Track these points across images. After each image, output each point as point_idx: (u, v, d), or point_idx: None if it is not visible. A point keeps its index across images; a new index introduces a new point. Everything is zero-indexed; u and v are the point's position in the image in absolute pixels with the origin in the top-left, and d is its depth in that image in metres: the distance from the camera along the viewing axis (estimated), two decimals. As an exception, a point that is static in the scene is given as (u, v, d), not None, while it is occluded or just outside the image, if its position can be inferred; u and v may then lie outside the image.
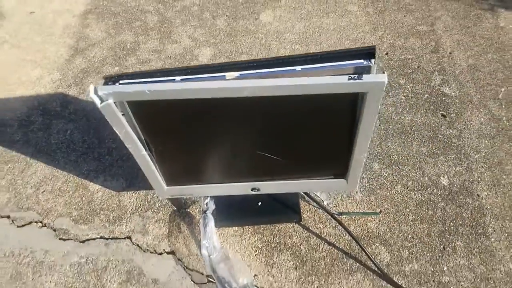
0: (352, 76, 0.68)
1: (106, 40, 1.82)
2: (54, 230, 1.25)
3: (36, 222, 1.27)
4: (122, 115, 0.82)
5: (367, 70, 0.74)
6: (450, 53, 1.58)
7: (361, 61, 0.74)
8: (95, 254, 1.19)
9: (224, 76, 0.77)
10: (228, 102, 0.74)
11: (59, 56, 1.78)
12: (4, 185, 1.37)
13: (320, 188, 1.13)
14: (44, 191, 1.34)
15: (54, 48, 1.82)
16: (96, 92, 0.74)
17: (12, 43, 1.88)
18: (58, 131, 1.50)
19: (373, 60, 0.74)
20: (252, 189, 1.09)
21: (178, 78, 0.79)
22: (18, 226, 1.27)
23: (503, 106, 1.39)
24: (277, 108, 0.78)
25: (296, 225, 1.17)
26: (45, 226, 1.26)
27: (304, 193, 1.17)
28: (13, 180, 1.38)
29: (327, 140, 0.92)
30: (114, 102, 0.78)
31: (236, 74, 0.76)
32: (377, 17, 1.76)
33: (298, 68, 0.74)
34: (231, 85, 0.71)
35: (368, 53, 0.74)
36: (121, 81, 0.80)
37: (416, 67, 1.54)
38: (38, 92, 1.65)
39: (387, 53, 1.61)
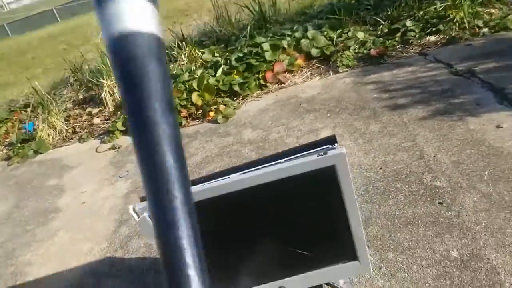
0: (320, 154, 1.11)
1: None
2: None
3: None
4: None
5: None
6: (434, 156, 2.00)
7: (328, 146, 1.18)
8: None
9: (229, 177, 1.20)
10: (238, 194, 1.15)
11: (107, 229, 2.28)
12: None
13: (339, 274, 1.38)
14: (96, 338, 1.60)
15: (102, 224, 2.35)
16: (134, 209, 1.17)
17: (66, 229, 2.44)
18: (107, 287, 1.85)
19: (336, 144, 1.18)
20: None
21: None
22: None
23: (490, 185, 1.71)
24: (274, 192, 1.18)
25: (327, 319, 1.36)
26: None
27: (327, 285, 1.41)
28: (68, 335, 1.66)
29: (325, 217, 1.26)
30: (149, 216, 1.20)
31: (239, 173, 1.19)
32: (367, 145, 2.27)
33: (283, 160, 1.18)
34: (237, 179, 1.14)
35: (331, 140, 1.18)
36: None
37: (408, 172, 1.95)
38: (89, 260, 2.08)
39: (381, 168, 2.04)
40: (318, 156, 1.12)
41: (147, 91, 0.29)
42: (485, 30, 3.25)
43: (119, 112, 3.90)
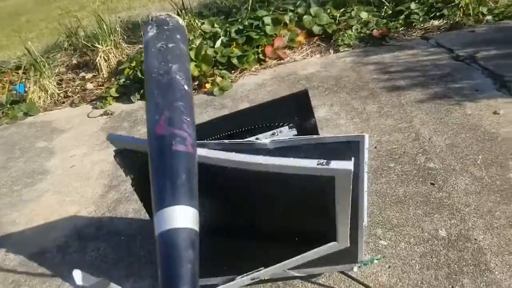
0: (321, 161, 0.91)
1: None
2: (88, 329, 1.45)
3: (71, 325, 1.49)
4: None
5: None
6: (429, 138, 1.99)
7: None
8: None
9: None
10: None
11: (95, 194, 2.26)
12: (44, 298, 1.64)
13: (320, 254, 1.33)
14: (79, 298, 1.59)
15: (91, 189, 2.32)
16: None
17: (54, 190, 2.41)
18: (93, 249, 1.84)
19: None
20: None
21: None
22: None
23: (483, 169, 1.72)
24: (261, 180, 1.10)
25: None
26: (80, 327, 1.47)
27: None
28: (51, 293, 1.66)
29: (313, 219, 1.20)
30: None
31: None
32: (363, 124, 2.26)
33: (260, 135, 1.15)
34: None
35: (303, 94, 1.14)
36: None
37: (402, 152, 1.94)
38: (75, 223, 2.07)
39: (375, 147, 2.03)
40: (317, 165, 0.92)
41: (179, 272, 0.41)
42: (489, 17, 3.21)
43: (113, 79, 3.83)
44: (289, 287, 1.41)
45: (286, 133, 1.22)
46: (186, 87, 0.54)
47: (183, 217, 0.44)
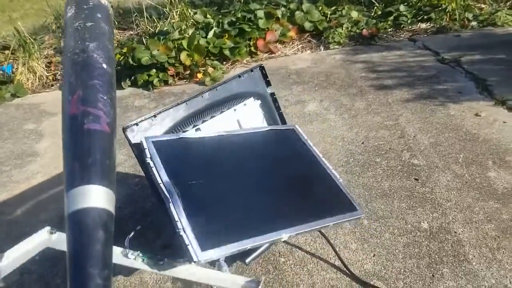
0: None
1: (127, 161, 2.34)
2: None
3: (65, 303, 1.51)
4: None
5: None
6: (414, 136, 2.07)
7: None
8: (120, 322, 1.40)
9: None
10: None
11: (86, 177, 2.26)
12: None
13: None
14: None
15: (82, 172, 2.32)
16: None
17: (44, 172, 2.39)
18: (86, 230, 1.85)
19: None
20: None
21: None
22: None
23: (464, 167, 1.81)
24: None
25: (305, 268, 1.43)
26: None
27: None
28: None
29: None
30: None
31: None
32: (351, 120, 2.32)
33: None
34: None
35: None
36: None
37: (388, 148, 2.01)
38: (67, 205, 2.06)
39: (363, 143, 2.10)
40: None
41: (87, 253, 0.37)
42: (474, 23, 3.32)
43: (103, 64, 3.78)
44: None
45: (252, 103, 1.55)
46: (105, 65, 0.52)
47: (93, 196, 0.41)
